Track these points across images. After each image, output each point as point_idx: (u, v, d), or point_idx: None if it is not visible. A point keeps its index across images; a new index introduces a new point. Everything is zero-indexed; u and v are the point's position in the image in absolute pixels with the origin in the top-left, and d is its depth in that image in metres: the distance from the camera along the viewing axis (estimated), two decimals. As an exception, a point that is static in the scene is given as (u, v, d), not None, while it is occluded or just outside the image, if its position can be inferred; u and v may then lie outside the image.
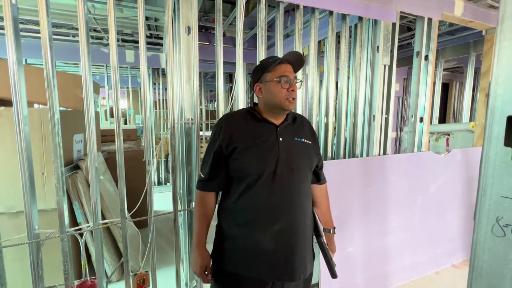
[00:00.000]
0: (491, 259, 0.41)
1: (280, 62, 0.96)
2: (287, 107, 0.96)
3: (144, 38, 1.32)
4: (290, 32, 2.98)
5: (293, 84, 0.96)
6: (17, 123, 1.13)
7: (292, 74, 0.97)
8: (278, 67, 0.96)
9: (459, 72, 5.10)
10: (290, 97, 0.95)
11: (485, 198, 0.42)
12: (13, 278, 1.60)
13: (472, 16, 2.20)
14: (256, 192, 0.91)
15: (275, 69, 0.96)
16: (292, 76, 0.96)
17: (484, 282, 0.41)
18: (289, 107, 0.96)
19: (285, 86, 0.94)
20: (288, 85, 0.95)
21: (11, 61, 1.10)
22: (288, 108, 0.96)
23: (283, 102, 0.95)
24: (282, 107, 0.96)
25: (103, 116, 4.98)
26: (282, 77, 0.94)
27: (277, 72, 0.95)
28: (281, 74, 0.95)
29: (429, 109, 2.16)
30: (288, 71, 0.96)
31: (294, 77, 0.97)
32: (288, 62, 0.98)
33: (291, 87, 0.95)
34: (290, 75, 0.96)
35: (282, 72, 0.95)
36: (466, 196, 2.27)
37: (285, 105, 0.96)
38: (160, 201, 3.57)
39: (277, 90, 0.95)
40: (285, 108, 0.96)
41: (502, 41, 0.39)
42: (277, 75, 0.95)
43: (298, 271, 0.95)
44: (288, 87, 0.95)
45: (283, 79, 0.94)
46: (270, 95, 0.96)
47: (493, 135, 0.41)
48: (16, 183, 1.19)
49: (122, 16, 2.86)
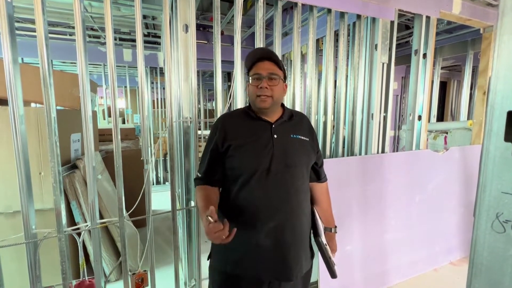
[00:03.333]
0: (491, 255, 0.41)
1: (254, 62, 0.96)
2: (258, 105, 0.94)
3: (141, 36, 1.30)
4: (288, 31, 2.98)
5: (263, 81, 0.92)
6: (13, 122, 1.12)
7: (266, 71, 0.93)
8: (254, 67, 0.96)
9: (457, 71, 5.12)
10: (260, 94, 0.93)
11: (485, 194, 0.42)
12: (10, 279, 1.59)
13: (470, 14, 2.21)
14: (250, 190, 0.91)
15: (252, 69, 0.97)
16: (264, 73, 0.93)
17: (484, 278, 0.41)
18: (260, 104, 0.94)
19: (256, 83, 0.94)
20: (258, 82, 0.94)
21: (6, 60, 1.09)
22: (259, 105, 0.94)
23: (255, 100, 0.95)
24: (255, 105, 0.96)
25: (101, 116, 4.96)
26: (254, 75, 0.95)
27: (251, 72, 0.96)
28: (253, 73, 0.95)
29: (427, 107, 2.16)
30: (262, 68, 0.94)
31: (268, 73, 0.93)
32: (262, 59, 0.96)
33: (260, 84, 0.93)
34: (263, 72, 0.93)
35: (254, 71, 0.95)
36: (464, 194, 2.28)
37: (257, 103, 0.95)
38: (158, 200, 3.56)
39: (250, 89, 0.96)
40: (257, 106, 0.95)
41: (502, 35, 0.39)
42: (251, 74, 0.96)
43: (295, 270, 0.94)
44: (258, 84, 0.93)
45: (254, 77, 0.95)
46: (248, 95, 0.99)
47: (493, 131, 0.41)
48: (13, 183, 1.18)
49: (119, 14, 2.84)
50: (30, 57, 3.31)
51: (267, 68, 0.94)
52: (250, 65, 0.98)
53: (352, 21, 1.91)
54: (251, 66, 0.97)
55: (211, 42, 3.40)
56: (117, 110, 1.31)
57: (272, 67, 0.95)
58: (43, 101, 1.15)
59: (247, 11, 2.70)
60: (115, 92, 1.33)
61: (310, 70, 1.78)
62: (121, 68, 4.33)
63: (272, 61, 0.96)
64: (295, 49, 1.71)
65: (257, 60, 0.96)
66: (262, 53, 0.97)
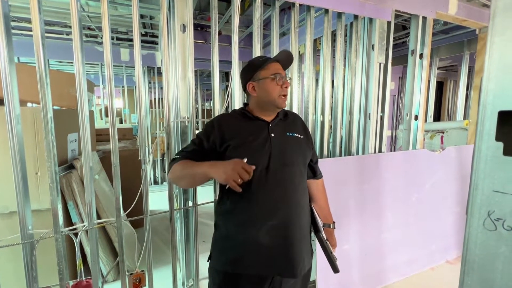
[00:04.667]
0: (483, 253, 0.41)
1: (272, 60, 1.00)
2: (280, 104, 0.99)
3: (138, 36, 1.30)
4: (286, 31, 2.98)
5: (286, 82, 0.99)
6: (9, 122, 1.11)
7: (283, 72, 1.01)
8: (271, 65, 0.99)
9: (453, 71, 5.15)
10: (283, 94, 0.99)
11: (477, 192, 0.43)
12: (6, 279, 1.59)
13: (466, 15, 2.23)
14: (250, 189, 0.91)
15: (268, 67, 0.98)
16: (283, 74, 1.00)
17: (476, 275, 0.42)
18: (282, 104, 1.00)
19: (279, 83, 0.98)
20: (282, 81, 0.98)
21: (2, 59, 1.08)
22: (281, 105, 1.00)
23: (277, 99, 0.98)
24: (276, 104, 0.99)
25: (98, 116, 4.93)
26: (276, 74, 0.98)
27: (271, 70, 0.98)
28: (274, 71, 0.98)
29: (424, 107, 2.18)
30: (281, 69, 1.01)
31: (285, 75, 1.01)
32: (278, 61, 1.02)
33: (284, 84, 0.98)
34: (283, 72, 1.00)
35: (275, 70, 0.98)
36: (460, 193, 2.29)
37: (278, 102, 0.99)
38: (156, 200, 3.55)
39: (272, 87, 0.98)
40: (278, 106, 0.99)
41: (493, 36, 0.39)
42: (271, 72, 0.98)
43: (298, 266, 0.95)
44: (282, 83, 0.98)
45: (277, 76, 0.98)
46: (264, 92, 0.98)
47: (484, 130, 0.41)
48: (9, 183, 1.17)
49: (116, 14, 2.83)
50: (27, 56, 3.28)
51: (282, 69, 1.01)
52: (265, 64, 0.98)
53: (349, 22, 1.92)
54: (265, 64, 0.98)
55: (209, 42, 3.40)
56: (115, 109, 1.31)
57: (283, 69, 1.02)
58: (39, 101, 1.14)
59: (245, 11, 2.70)
60: (113, 91, 1.32)
61: (308, 70, 1.79)
62: (119, 68, 4.31)
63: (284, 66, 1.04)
64: (292, 49, 1.71)
65: (275, 60, 1.01)
66: (289, 58, 1.03)
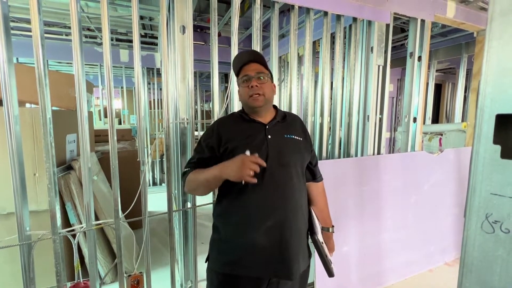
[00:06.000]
0: (481, 255, 0.41)
1: (241, 66, 1.01)
2: (251, 104, 0.99)
3: (138, 37, 1.30)
4: (285, 33, 2.99)
5: (253, 81, 0.97)
6: (8, 123, 1.11)
7: (253, 71, 0.99)
8: (241, 71, 1.01)
9: (451, 73, 5.18)
10: (252, 93, 0.97)
11: (475, 195, 0.43)
12: (3, 281, 1.57)
13: (464, 18, 2.24)
14: (248, 190, 0.92)
15: (240, 73, 1.02)
16: (252, 73, 0.98)
17: (474, 277, 0.42)
18: (253, 103, 0.98)
19: (246, 84, 0.99)
20: (248, 83, 0.98)
21: (1, 59, 1.08)
22: (252, 104, 0.98)
23: (248, 100, 0.99)
24: (249, 105, 1.00)
25: (97, 116, 4.92)
26: (243, 77, 1.00)
27: (240, 75, 1.01)
28: (242, 75, 1.00)
29: (422, 110, 2.19)
30: (250, 69, 0.99)
31: (255, 73, 0.98)
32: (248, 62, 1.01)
33: (250, 84, 0.98)
34: (251, 73, 0.98)
35: (243, 73, 1.01)
36: (459, 195, 2.30)
37: (250, 103, 0.99)
38: (154, 201, 3.53)
39: (242, 91, 1.01)
40: (251, 106, 1.00)
41: (491, 40, 0.40)
42: (240, 77, 1.01)
43: (293, 267, 0.94)
44: (248, 84, 0.98)
45: (244, 78, 1.00)
46: (240, 97, 1.03)
47: (482, 133, 0.42)
48: (7, 184, 1.17)
49: (116, 15, 2.83)
50: (26, 57, 3.28)
51: (254, 68, 1.00)
52: (238, 70, 1.03)
53: (348, 24, 1.93)
54: (239, 70, 1.03)
55: (208, 43, 3.40)
56: (114, 110, 1.30)
57: (259, 67, 1.00)
58: (38, 102, 1.14)
59: (244, 12, 2.71)
60: (112, 92, 1.32)
61: (307, 71, 1.79)
62: (118, 69, 4.30)
63: (257, 63, 1.02)
64: (292, 51, 1.72)
65: (244, 64, 1.02)
66: (248, 56, 1.03)
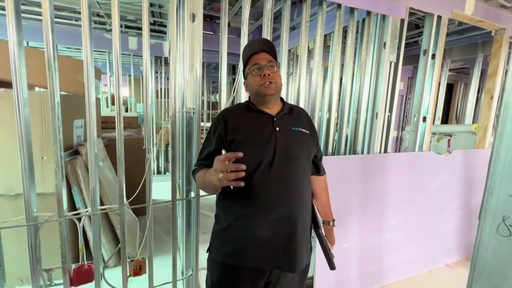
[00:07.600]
0: (494, 258, 0.40)
1: (251, 53, 1.00)
2: (263, 92, 0.98)
3: (147, 25, 1.29)
4: (296, 25, 2.93)
5: (265, 69, 0.97)
6: (17, 105, 1.12)
7: (264, 60, 0.98)
8: (251, 60, 1.00)
9: (464, 73, 5.05)
10: (264, 81, 0.97)
11: (492, 196, 0.41)
12: (11, 260, 1.62)
13: (483, 16, 2.16)
14: (254, 182, 0.91)
15: (249, 62, 1.01)
16: (263, 62, 0.98)
17: (485, 281, 0.41)
18: (265, 91, 0.97)
19: (258, 73, 0.98)
20: (260, 71, 0.98)
21: (11, 42, 1.08)
22: (264, 92, 0.98)
23: (259, 89, 0.98)
24: (260, 93, 0.99)
25: (104, 103, 4.95)
26: (253, 66, 0.99)
27: (250, 64, 1.00)
28: (252, 64, 0.99)
29: (432, 109, 2.14)
30: (260, 58, 0.99)
31: (267, 62, 0.98)
32: (258, 51, 1.01)
33: (262, 72, 0.97)
34: (261, 61, 0.98)
35: (253, 62, 0.99)
36: (465, 198, 2.27)
37: (262, 91, 0.98)
38: (159, 190, 3.55)
39: (252, 80, 0.99)
40: (262, 94, 0.98)
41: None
42: (250, 66, 1.00)
43: (298, 260, 0.95)
44: (260, 73, 0.97)
45: (254, 67, 0.98)
46: (250, 87, 1.02)
47: (505, 132, 0.39)
48: (16, 166, 1.19)
49: (126, 1, 2.81)
50: (36, 41, 3.29)
51: (264, 57, 0.99)
52: (247, 59, 1.02)
53: (361, 18, 1.87)
54: (248, 60, 1.02)
55: (217, 34, 3.37)
56: (121, 98, 1.30)
57: (269, 56, 1.00)
58: (47, 86, 1.14)
59: (255, 3, 2.66)
60: (120, 80, 1.32)
61: (317, 66, 1.76)
62: (126, 56, 4.30)
63: (267, 53, 1.01)
64: (302, 44, 1.69)
65: (254, 52, 1.01)
66: (259, 45, 1.02)
